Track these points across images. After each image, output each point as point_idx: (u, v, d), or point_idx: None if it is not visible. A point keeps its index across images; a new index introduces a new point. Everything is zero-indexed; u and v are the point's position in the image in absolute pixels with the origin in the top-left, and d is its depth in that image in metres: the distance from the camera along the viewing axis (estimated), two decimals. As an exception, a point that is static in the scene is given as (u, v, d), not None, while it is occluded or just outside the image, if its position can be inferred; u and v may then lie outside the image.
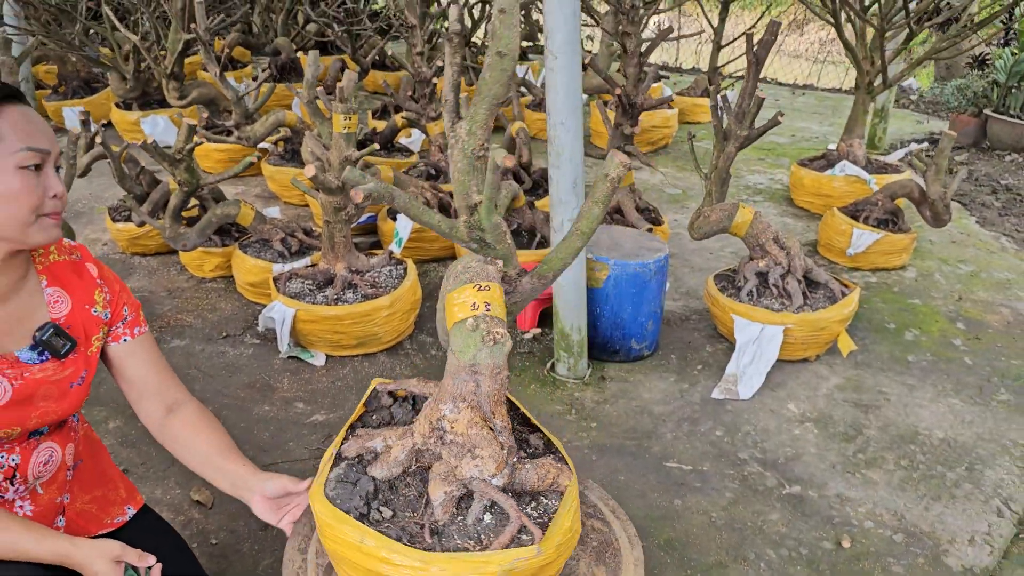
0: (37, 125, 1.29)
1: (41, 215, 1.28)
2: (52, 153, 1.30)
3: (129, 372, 1.55)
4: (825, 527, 2.20)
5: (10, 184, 1.24)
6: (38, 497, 1.47)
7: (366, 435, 1.49)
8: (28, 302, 1.39)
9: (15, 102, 1.28)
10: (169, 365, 1.61)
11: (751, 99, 3.02)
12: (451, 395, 1.39)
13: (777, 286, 2.99)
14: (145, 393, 1.56)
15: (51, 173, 1.30)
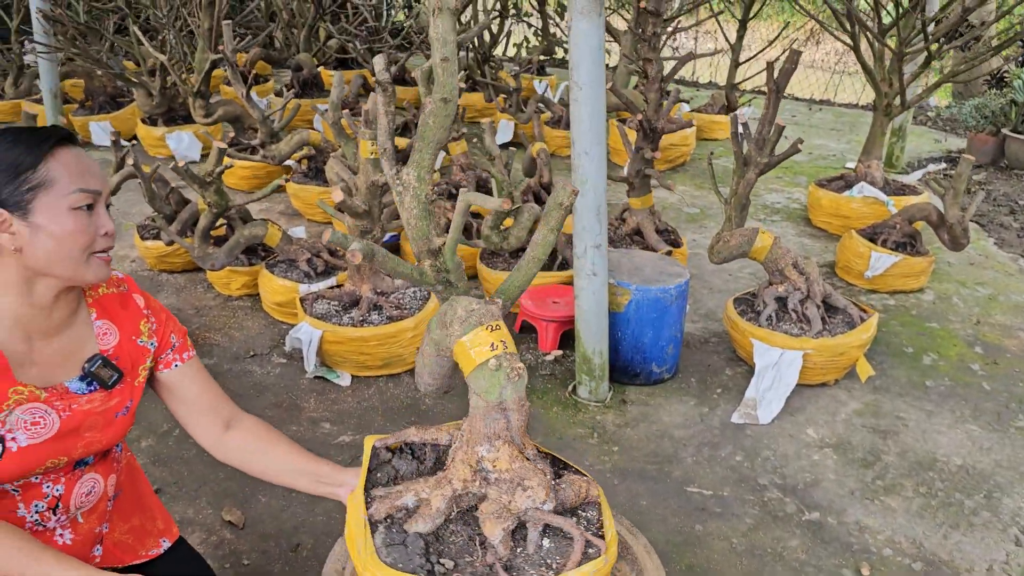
0: (88, 166, 1.34)
1: (92, 253, 1.33)
2: (103, 193, 1.35)
3: (183, 394, 1.59)
4: (844, 554, 2.24)
5: (64, 224, 1.29)
6: (78, 526, 1.52)
7: (389, 494, 1.47)
8: (78, 334, 1.45)
9: (67, 144, 1.33)
10: (218, 384, 1.66)
11: (771, 126, 3.06)
12: (484, 436, 1.43)
13: (796, 311, 3.03)
14: (202, 413, 1.60)
15: (102, 212, 1.35)
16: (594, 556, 1.34)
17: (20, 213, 1.27)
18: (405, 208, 1.52)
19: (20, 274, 1.32)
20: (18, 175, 1.27)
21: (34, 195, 1.27)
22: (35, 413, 1.36)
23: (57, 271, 1.31)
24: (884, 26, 4.44)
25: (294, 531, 2.26)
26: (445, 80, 1.44)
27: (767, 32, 13.67)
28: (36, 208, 1.27)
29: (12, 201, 1.27)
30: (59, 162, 1.29)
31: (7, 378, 1.33)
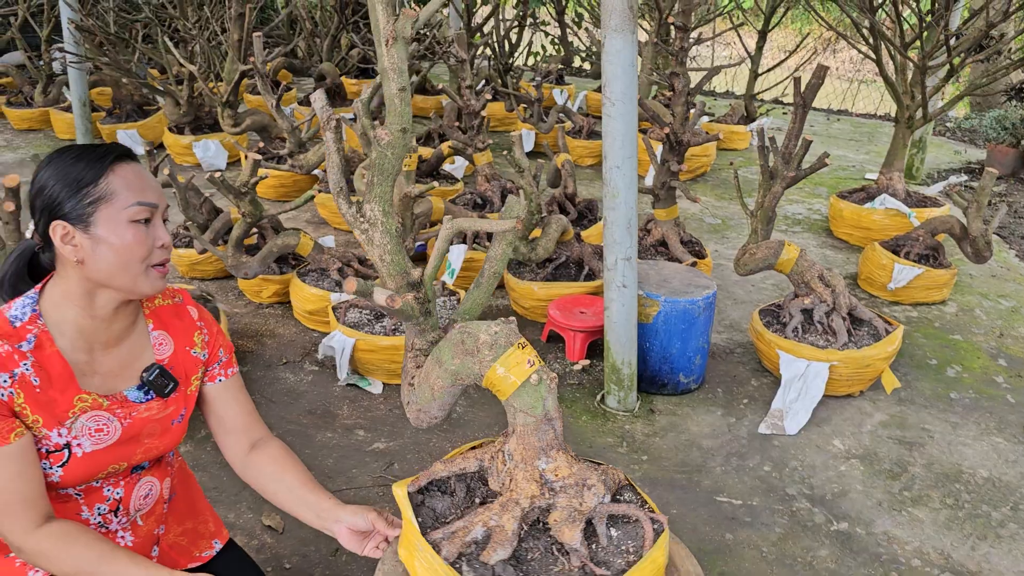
0: (147, 181, 1.39)
1: (150, 265, 1.38)
2: (160, 206, 1.40)
3: (220, 410, 1.64)
4: (873, 564, 2.27)
5: (123, 236, 1.34)
6: (138, 528, 1.58)
7: (453, 534, 1.46)
8: (137, 345, 1.50)
9: (126, 160, 1.39)
10: (253, 404, 1.71)
11: (798, 140, 3.10)
12: (539, 449, 1.47)
13: (822, 323, 3.06)
14: (232, 430, 1.64)
15: (159, 225, 1.40)
16: (660, 531, 1.40)
17: (82, 226, 1.33)
18: (376, 245, 1.52)
19: (82, 286, 1.38)
20: (80, 189, 1.33)
21: (95, 208, 1.33)
22: (98, 420, 1.42)
23: (116, 282, 1.36)
24: (907, 40, 4.48)
25: (332, 537, 2.31)
26: (402, 110, 1.45)
27: (783, 39, 13.71)
28: (97, 221, 1.33)
29: (74, 214, 1.33)
30: (119, 176, 1.35)
31: (73, 387, 1.39)
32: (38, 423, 1.35)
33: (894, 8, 4.33)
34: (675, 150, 3.61)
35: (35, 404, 1.34)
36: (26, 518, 1.33)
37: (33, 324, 1.36)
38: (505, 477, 1.51)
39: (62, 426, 1.38)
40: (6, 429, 1.30)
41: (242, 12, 4.42)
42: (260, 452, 1.65)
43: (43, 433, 1.36)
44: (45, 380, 1.36)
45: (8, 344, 1.32)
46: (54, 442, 1.37)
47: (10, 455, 1.31)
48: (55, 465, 1.38)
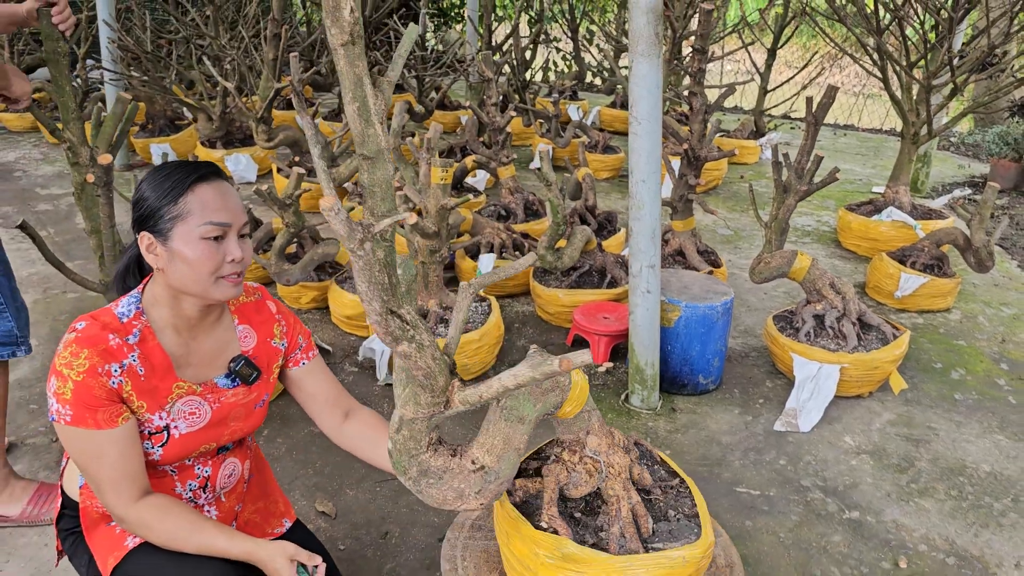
0: (224, 201, 1.54)
1: (220, 277, 1.54)
2: (234, 225, 1.55)
3: (311, 388, 1.82)
4: (883, 549, 2.45)
5: (194, 251, 1.50)
6: (221, 504, 1.77)
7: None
8: (224, 337, 1.70)
9: (209, 179, 1.55)
10: (338, 380, 1.90)
11: (809, 156, 3.30)
12: (609, 432, 1.68)
13: (833, 328, 3.25)
14: (326, 405, 1.83)
15: (232, 241, 1.55)
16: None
17: (162, 239, 1.51)
18: (427, 347, 1.35)
19: (168, 290, 1.57)
20: (163, 207, 1.51)
21: (173, 224, 1.51)
22: (192, 405, 1.62)
23: (190, 290, 1.54)
24: (912, 59, 4.68)
25: (382, 521, 2.50)
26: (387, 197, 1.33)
27: (790, 55, 13.92)
28: (174, 236, 1.50)
29: (157, 228, 1.51)
30: (197, 196, 1.51)
31: (171, 375, 1.59)
32: (143, 408, 1.54)
33: (899, 29, 4.54)
34: (693, 165, 3.81)
35: (140, 391, 1.53)
36: (129, 492, 1.52)
37: (138, 320, 1.56)
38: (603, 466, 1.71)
39: (162, 410, 1.57)
40: (115, 414, 1.49)
41: (277, 33, 4.65)
42: (355, 420, 1.83)
43: (146, 417, 1.55)
44: (149, 369, 1.55)
45: (119, 337, 1.51)
46: (156, 424, 1.57)
47: (119, 437, 1.50)
48: (156, 445, 1.58)
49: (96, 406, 1.46)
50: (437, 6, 10.91)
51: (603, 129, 7.58)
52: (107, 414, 1.47)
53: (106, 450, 1.48)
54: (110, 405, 1.48)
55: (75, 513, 1.69)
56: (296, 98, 4.36)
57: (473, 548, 1.85)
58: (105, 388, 1.47)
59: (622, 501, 1.64)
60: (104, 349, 1.48)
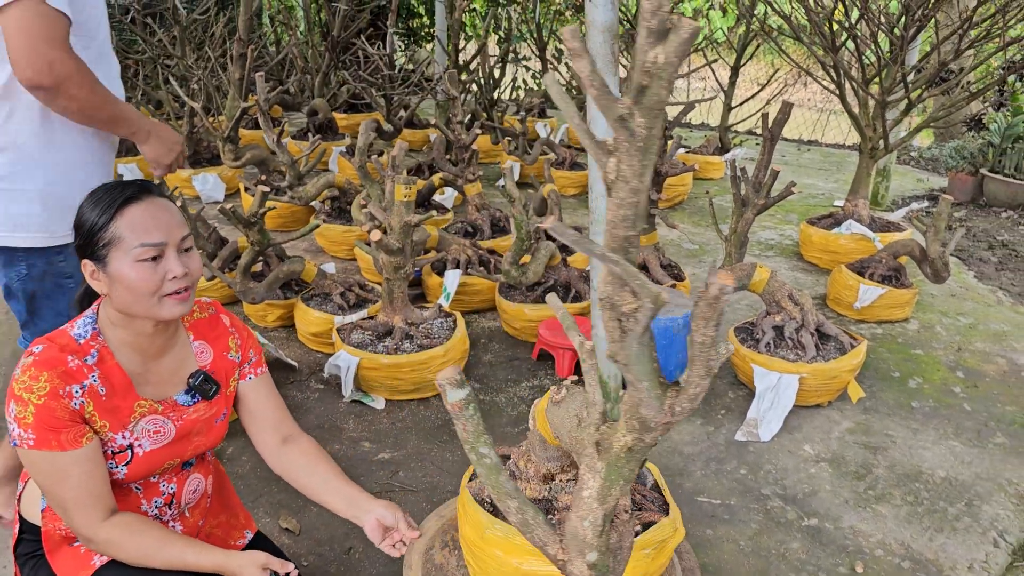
0: (154, 221, 1.53)
1: (163, 296, 1.54)
2: (170, 242, 1.54)
3: (252, 406, 1.82)
4: (841, 555, 2.50)
5: (131, 275, 1.50)
6: (185, 519, 1.78)
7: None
8: (181, 355, 1.71)
9: (139, 199, 1.53)
10: (283, 403, 1.90)
11: (767, 171, 3.38)
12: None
13: (792, 339, 3.31)
14: (265, 425, 1.82)
15: (171, 258, 1.54)
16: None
17: (101, 265, 1.52)
18: None
19: (117, 312, 1.57)
20: (96, 233, 1.51)
21: (108, 251, 1.51)
22: (155, 423, 1.62)
23: (135, 312, 1.54)
24: (867, 76, 4.80)
25: (345, 536, 2.51)
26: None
27: (755, 71, 14.15)
28: (110, 261, 1.51)
29: (96, 255, 1.52)
30: (126, 219, 1.51)
31: (132, 394, 1.59)
32: (105, 428, 1.54)
33: (855, 47, 4.66)
34: (654, 181, 3.87)
35: (103, 411, 1.53)
36: (95, 512, 1.52)
37: (95, 340, 1.56)
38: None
39: (125, 429, 1.58)
40: (79, 434, 1.49)
41: (244, 53, 4.67)
42: (293, 446, 1.84)
43: (109, 436, 1.55)
44: (110, 389, 1.55)
45: (78, 359, 1.51)
46: (119, 444, 1.57)
47: (83, 457, 1.49)
48: (120, 464, 1.58)
49: (59, 428, 1.46)
50: (406, 25, 10.98)
51: (571, 146, 7.66)
52: (70, 435, 1.47)
53: (71, 471, 1.48)
54: (73, 426, 1.48)
55: (35, 537, 1.69)
56: (263, 117, 4.39)
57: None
58: (67, 410, 1.47)
59: None
60: (64, 371, 1.48)
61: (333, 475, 1.81)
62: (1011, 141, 6.40)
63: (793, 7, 5.24)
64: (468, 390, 1.33)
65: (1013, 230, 5.90)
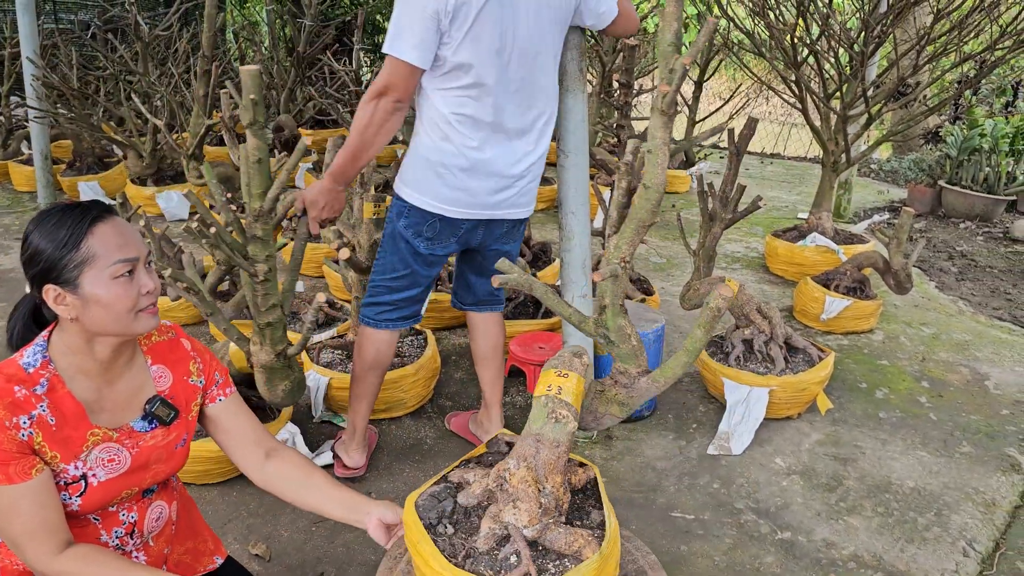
0: (126, 236, 1.51)
1: (139, 311, 1.52)
2: (140, 257, 1.53)
3: (228, 426, 1.78)
4: (815, 568, 2.51)
5: (109, 292, 1.47)
6: (150, 549, 1.73)
7: (469, 469, 1.80)
8: (138, 380, 1.66)
9: (105, 218, 1.51)
10: (257, 418, 1.87)
11: (733, 185, 3.41)
12: (517, 454, 1.69)
13: (761, 352, 3.34)
14: (245, 442, 1.79)
15: (142, 273, 1.53)
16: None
17: (71, 288, 1.47)
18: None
19: (81, 337, 1.52)
20: (64, 256, 1.46)
21: (80, 271, 1.46)
22: (110, 451, 1.58)
23: (111, 330, 1.51)
24: (828, 91, 4.89)
25: (317, 561, 2.46)
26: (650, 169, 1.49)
27: (718, 86, 14.35)
28: (83, 282, 1.46)
29: (63, 278, 1.47)
30: (98, 238, 1.47)
31: (84, 423, 1.55)
32: (56, 459, 1.50)
33: (816, 63, 4.74)
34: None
35: (52, 442, 1.49)
36: (49, 545, 1.47)
37: (45, 369, 1.52)
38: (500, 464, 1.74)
39: (78, 459, 1.53)
40: (27, 466, 1.44)
41: (208, 69, 4.62)
42: (280, 460, 1.80)
43: (61, 467, 1.51)
44: (60, 419, 1.50)
45: (25, 389, 1.47)
46: (72, 474, 1.52)
47: (33, 489, 1.45)
48: (74, 496, 1.53)
49: (7, 460, 1.42)
50: (372, 42, 10.96)
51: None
52: (19, 467, 1.43)
53: (21, 505, 1.44)
54: (22, 458, 1.43)
55: None
56: (228, 134, 4.33)
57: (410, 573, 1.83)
58: (15, 441, 1.43)
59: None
60: (11, 402, 1.43)
61: (326, 483, 1.79)
62: (967, 153, 6.55)
63: (755, 23, 5.31)
64: None
65: (971, 240, 6.03)
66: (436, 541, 1.60)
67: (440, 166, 2.46)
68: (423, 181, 2.50)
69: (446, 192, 2.50)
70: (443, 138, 2.43)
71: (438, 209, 2.52)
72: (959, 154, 6.58)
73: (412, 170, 2.52)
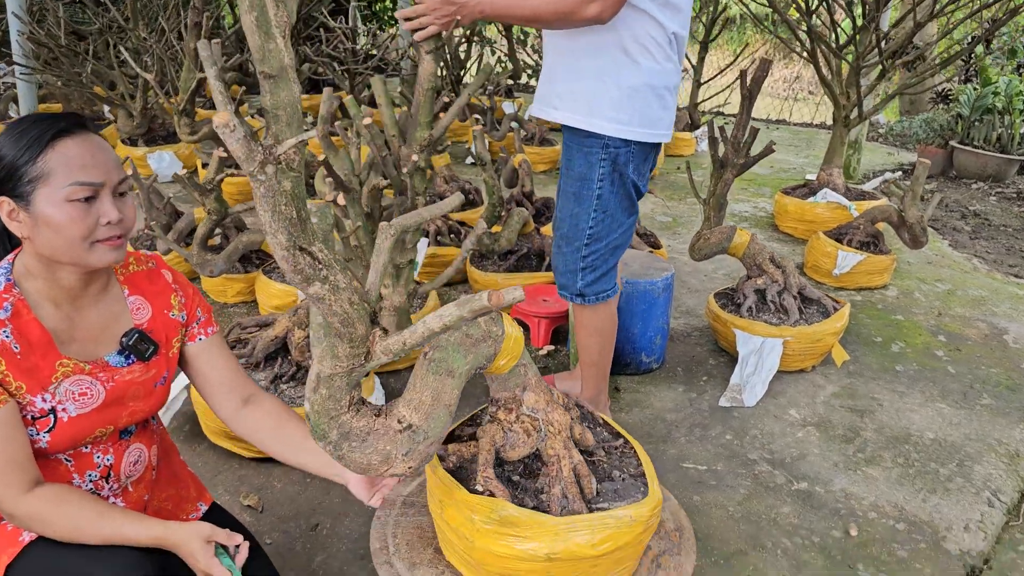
0: (91, 157, 1.37)
1: (95, 241, 1.38)
2: (107, 183, 1.38)
3: (206, 368, 1.67)
4: (833, 518, 2.39)
5: (61, 215, 1.33)
6: (128, 494, 1.60)
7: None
8: (113, 311, 1.53)
9: (73, 134, 1.37)
10: (239, 363, 1.74)
11: (746, 130, 3.26)
12: (547, 388, 1.57)
13: (775, 302, 3.21)
14: (221, 387, 1.67)
15: (106, 201, 1.38)
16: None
17: (24, 204, 1.34)
18: (342, 289, 1.23)
19: (39, 260, 1.40)
20: (20, 167, 1.33)
21: (33, 187, 1.33)
22: (81, 384, 1.45)
23: (61, 258, 1.37)
24: (840, 42, 4.72)
25: (312, 512, 2.35)
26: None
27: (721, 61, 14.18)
28: (36, 200, 1.34)
29: (17, 192, 1.34)
30: (59, 154, 1.34)
31: (53, 352, 1.42)
32: (22, 389, 1.38)
33: (828, 13, 4.57)
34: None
35: (17, 371, 1.37)
36: (16, 483, 1.36)
37: (8, 293, 1.39)
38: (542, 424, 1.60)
39: (46, 391, 1.40)
40: None
41: (198, 21, 4.46)
42: (255, 407, 1.69)
43: (27, 399, 1.38)
44: (26, 347, 1.38)
45: None
46: (39, 407, 1.40)
47: None
48: (42, 431, 1.41)
49: None
50: (369, 9, 10.76)
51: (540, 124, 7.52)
52: None
53: None
54: None
55: None
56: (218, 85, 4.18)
57: (405, 525, 1.72)
58: None
59: (563, 460, 1.54)
60: None
61: (303, 435, 1.67)
62: (980, 113, 6.39)
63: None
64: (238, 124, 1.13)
65: (984, 200, 5.89)
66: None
67: (664, 89, 2.26)
68: (646, 111, 2.25)
69: (667, 117, 2.32)
70: (666, 58, 2.23)
71: (659, 138, 2.32)
72: (971, 114, 6.42)
73: (633, 101, 2.22)
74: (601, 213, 2.36)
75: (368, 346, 1.27)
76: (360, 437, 1.34)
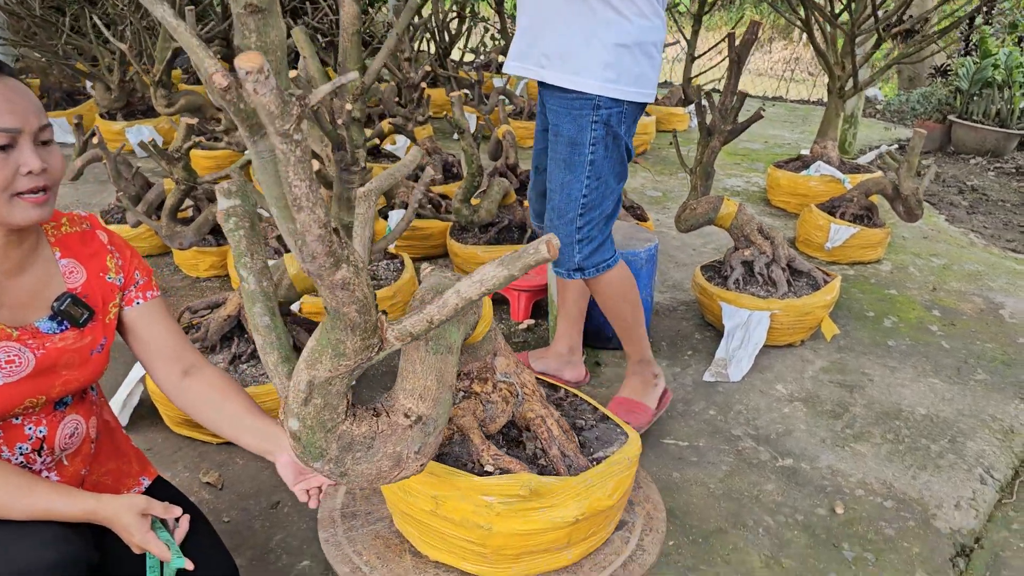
0: (9, 103, 1.26)
1: (14, 194, 1.27)
2: (25, 129, 1.27)
3: (144, 335, 1.56)
4: (819, 495, 2.29)
5: None
6: (63, 468, 1.50)
7: None
8: (43, 274, 1.42)
9: None
10: (182, 330, 1.64)
11: (733, 96, 3.14)
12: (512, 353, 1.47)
13: (763, 274, 3.10)
14: (160, 355, 1.58)
15: (26, 149, 1.27)
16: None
17: None
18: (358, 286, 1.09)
19: None
20: None
21: None
22: (8, 352, 1.34)
23: None
24: (836, 12, 4.59)
25: (273, 490, 2.25)
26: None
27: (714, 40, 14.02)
28: None
29: None
30: None
31: None
32: None
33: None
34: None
35: None
36: None
37: None
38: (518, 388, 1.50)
39: None
40: None
41: (173, -12, 4.32)
42: (196, 378, 1.59)
43: None
44: None
45: None
46: None
47: None
48: None
49: None
50: (360, -16, 10.57)
51: (529, 99, 7.38)
52: None
53: None
54: None
55: None
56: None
57: (361, 539, 1.61)
58: None
59: (549, 420, 1.43)
60: None
61: (244, 409, 1.57)
62: (979, 87, 6.25)
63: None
64: (237, 203, 1.09)
65: (982, 175, 5.76)
66: None
67: (652, 46, 2.15)
68: (636, 69, 2.13)
69: (655, 76, 2.21)
70: (655, 13, 2.12)
71: (649, 97, 2.21)
72: (970, 87, 6.28)
73: (623, 59, 2.10)
74: (595, 180, 2.22)
75: (380, 335, 1.11)
76: (365, 445, 1.19)
